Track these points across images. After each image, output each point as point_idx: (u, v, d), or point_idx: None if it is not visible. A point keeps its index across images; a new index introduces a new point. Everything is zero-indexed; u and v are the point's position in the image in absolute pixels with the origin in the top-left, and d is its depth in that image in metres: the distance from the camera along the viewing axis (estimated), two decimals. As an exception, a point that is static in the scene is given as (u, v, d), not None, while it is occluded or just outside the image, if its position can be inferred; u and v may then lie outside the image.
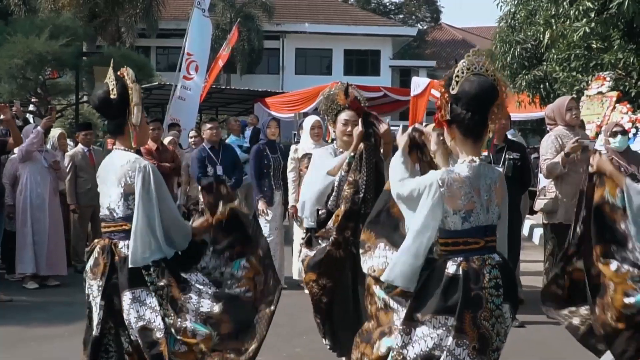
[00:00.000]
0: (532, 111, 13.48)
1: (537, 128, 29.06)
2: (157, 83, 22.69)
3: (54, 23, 20.78)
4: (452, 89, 3.84)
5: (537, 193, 8.78)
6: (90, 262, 4.80)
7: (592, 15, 10.61)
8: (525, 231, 13.77)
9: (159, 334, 4.64)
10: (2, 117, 9.09)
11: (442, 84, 3.91)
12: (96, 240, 4.89)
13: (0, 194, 9.43)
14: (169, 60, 41.56)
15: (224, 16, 41.15)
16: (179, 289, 4.74)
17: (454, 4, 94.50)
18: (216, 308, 4.73)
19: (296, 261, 9.16)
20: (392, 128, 14.27)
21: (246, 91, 24.01)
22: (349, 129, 5.91)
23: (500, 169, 7.81)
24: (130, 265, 4.65)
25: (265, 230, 9.78)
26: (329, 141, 6.57)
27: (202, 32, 18.78)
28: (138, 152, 10.04)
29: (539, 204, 8.16)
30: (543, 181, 8.53)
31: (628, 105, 10.00)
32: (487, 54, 4.78)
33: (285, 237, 10.42)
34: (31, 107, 20.90)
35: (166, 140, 12.11)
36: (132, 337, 4.70)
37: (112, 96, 4.84)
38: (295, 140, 14.83)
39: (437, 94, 13.91)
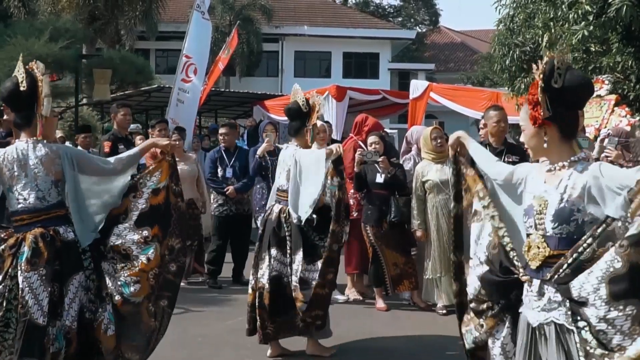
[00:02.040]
0: (531, 114, 13.46)
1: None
2: (156, 86, 22.66)
3: (54, 25, 20.80)
4: (555, 82, 3.48)
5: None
6: (25, 253, 4.74)
7: (591, 18, 10.62)
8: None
9: (97, 315, 4.91)
10: (5, 117, 9.09)
11: (538, 78, 3.53)
12: (15, 236, 4.84)
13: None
14: (169, 62, 41.60)
15: (223, 19, 41.22)
16: (107, 279, 5.01)
17: (452, 7, 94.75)
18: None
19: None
20: (390, 131, 14.21)
21: (245, 94, 24.00)
22: (321, 134, 7.67)
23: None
24: (82, 246, 4.88)
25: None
26: (294, 142, 7.02)
27: (201, 34, 18.77)
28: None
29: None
30: None
31: (627, 109, 10.03)
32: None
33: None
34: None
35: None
36: (67, 322, 4.78)
37: (21, 88, 4.87)
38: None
39: (437, 97, 13.89)
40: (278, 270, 6.69)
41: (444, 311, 8.64)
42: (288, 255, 6.67)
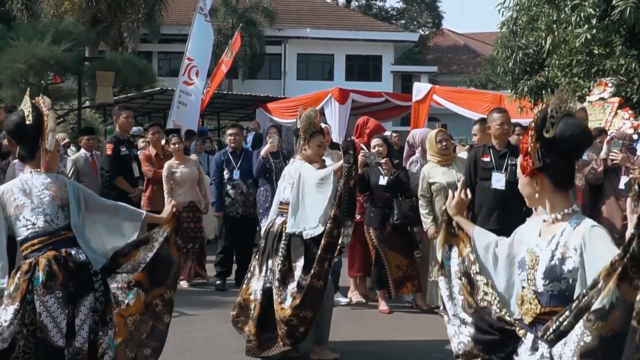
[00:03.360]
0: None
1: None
2: (159, 88, 22.69)
3: (57, 28, 20.80)
4: (547, 131, 3.32)
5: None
6: (40, 277, 4.78)
7: (594, 21, 10.62)
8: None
9: (103, 339, 4.94)
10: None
11: (531, 127, 3.41)
12: (28, 261, 4.87)
13: None
14: (171, 65, 41.62)
15: (226, 21, 41.24)
16: (112, 304, 5.06)
17: (455, 10, 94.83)
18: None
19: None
20: (391, 134, 14.24)
21: (248, 96, 23.99)
22: (322, 151, 7.14)
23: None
24: (95, 268, 4.95)
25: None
26: (298, 157, 7.00)
27: (204, 37, 18.80)
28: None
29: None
30: None
31: (630, 111, 10.01)
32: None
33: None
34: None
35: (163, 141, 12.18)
36: (77, 344, 4.81)
37: (27, 122, 4.94)
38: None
39: (440, 100, 13.92)
40: (271, 282, 6.76)
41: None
42: (282, 265, 6.70)
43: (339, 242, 6.61)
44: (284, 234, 6.80)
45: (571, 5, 11.05)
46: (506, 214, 7.83)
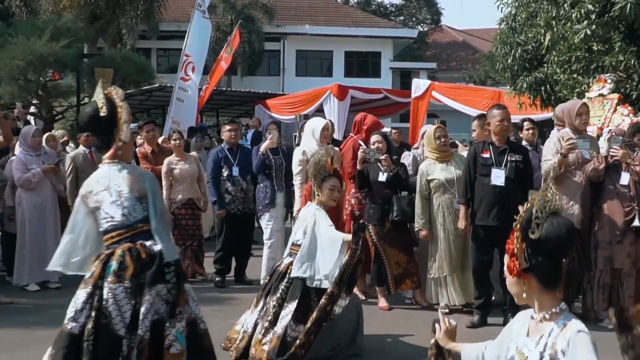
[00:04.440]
0: (533, 113, 13.47)
1: (538, 130, 29.11)
2: (157, 85, 22.67)
3: (55, 25, 20.75)
4: (532, 232, 3.28)
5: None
6: (112, 265, 4.90)
7: (593, 17, 10.60)
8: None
9: (169, 330, 4.90)
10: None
11: (516, 229, 3.35)
12: (107, 251, 5.00)
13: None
14: (170, 62, 41.61)
15: (224, 18, 41.22)
16: (183, 296, 5.04)
17: (454, 6, 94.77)
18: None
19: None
20: (391, 130, 14.24)
21: (247, 93, 24.01)
22: (335, 194, 6.97)
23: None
24: (167, 260, 4.94)
25: (267, 232, 9.81)
26: (315, 202, 6.92)
27: (201, 33, 18.84)
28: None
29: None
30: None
31: (629, 108, 10.01)
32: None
33: (287, 239, 10.43)
34: (32, 109, 20.88)
35: (161, 139, 12.16)
36: (140, 331, 4.82)
37: (101, 114, 5.01)
38: (296, 142, 14.82)
39: (439, 96, 13.92)
40: (262, 319, 6.80)
41: (447, 310, 8.63)
42: (277, 307, 6.71)
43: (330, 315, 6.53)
44: (287, 275, 6.78)
45: (570, 2, 11.04)
46: (505, 210, 7.85)
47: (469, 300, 8.72)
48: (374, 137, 9.05)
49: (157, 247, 4.97)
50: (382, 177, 8.86)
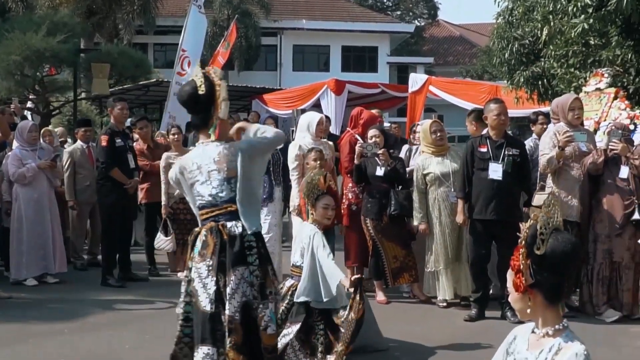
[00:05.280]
0: (530, 107, 13.48)
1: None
2: (154, 80, 22.65)
3: (52, 20, 20.74)
4: (538, 248, 3.29)
5: (536, 188, 8.86)
6: (198, 246, 5.10)
7: (590, 11, 10.60)
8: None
9: (258, 311, 5.01)
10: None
11: (520, 245, 3.36)
12: (197, 228, 5.25)
13: None
14: (167, 57, 41.61)
15: (221, 13, 41.15)
16: (271, 278, 5.17)
17: (451, 1, 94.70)
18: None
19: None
20: (390, 125, 14.24)
21: (244, 88, 23.98)
22: (329, 212, 6.77)
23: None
24: (249, 231, 5.07)
25: (265, 226, 9.80)
26: (309, 222, 6.84)
27: (198, 28, 18.86)
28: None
29: (538, 199, 8.21)
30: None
31: (626, 102, 10.02)
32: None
33: (284, 233, 10.45)
34: (29, 104, 20.87)
35: (158, 134, 12.15)
36: (229, 312, 4.94)
37: (200, 92, 5.12)
38: (293, 137, 14.83)
39: (436, 91, 13.93)
40: None
41: (444, 304, 8.66)
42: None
43: None
44: (287, 297, 6.73)
45: (567, -4, 11.04)
46: (503, 204, 7.89)
47: (464, 293, 8.74)
48: (372, 132, 9.06)
49: (239, 229, 5.07)
50: (380, 171, 8.87)
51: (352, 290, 6.30)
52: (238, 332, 4.93)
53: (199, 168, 5.20)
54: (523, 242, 3.32)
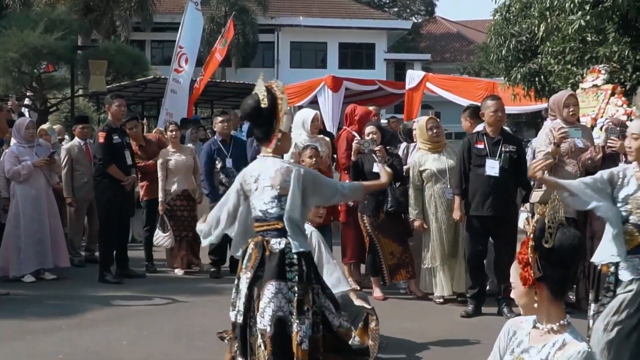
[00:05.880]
0: (527, 104, 13.54)
1: (532, 121, 29.10)
2: (152, 77, 22.62)
3: (49, 17, 20.68)
4: (546, 242, 3.33)
5: (534, 185, 8.86)
6: (245, 259, 5.24)
7: (587, 8, 10.62)
8: (520, 224, 13.78)
9: (293, 327, 5.04)
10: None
11: (529, 237, 3.38)
12: (250, 239, 5.32)
13: None
14: (164, 53, 41.57)
15: (218, 9, 41.16)
16: (310, 295, 5.20)
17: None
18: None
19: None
20: (389, 120, 14.20)
21: (241, 85, 23.98)
22: (321, 211, 7.00)
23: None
24: (293, 250, 5.14)
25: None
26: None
27: (194, 24, 18.85)
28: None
29: (535, 195, 8.21)
30: None
31: (623, 98, 10.04)
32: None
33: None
34: (26, 101, 20.83)
35: (155, 131, 12.13)
36: (261, 325, 5.03)
37: (262, 105, 5.20)
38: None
39: (433, 88, 13.91)
40: None
41: (441, 300, 8.67)
42: None
43: None
44: None
45: (564, -8, 11.06)
46: (500, 200, 7.91)
47: (460, 289, 8.76)
48: (369, 128, 9.05)
49: (281, 246, 5.15)
50: (377, 168, 8.87)
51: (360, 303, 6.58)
52: (268, 345, 5.00)
53: (256, 181, 5.28)
54: (531, 235, 3.35)
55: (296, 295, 5.10)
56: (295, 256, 5.16)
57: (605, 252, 5.04)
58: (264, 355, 5.02)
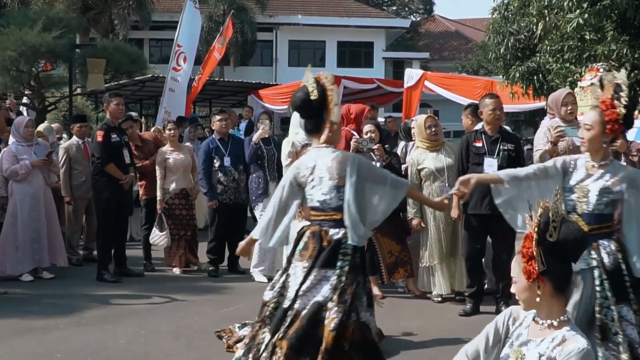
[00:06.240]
0: (525, 102, 13.51)
1: (531, 119, 29.12)
2: (150, 75, 22.61)
3: (47, 15, 20.63)
4: (550, 235, 3.37)
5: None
6: (300, 245, 5.31)
7: (586, 6, 10.61)
8: (518, 222, 13.77)
9: (329, 314, 5.14)
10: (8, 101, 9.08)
11: (533, 231, 3.41)
12: (305, 226, 5.42)
13: None
14: (162, 52, 41.54)
15: (217, 8, 41.15)
16: (354, 287, 5.28)
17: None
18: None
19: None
20: (385, 119, 14.18)
21: (240, 83, 23.99)
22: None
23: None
24: (350, 242, 5.24)
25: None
26: (298, 221, 6.84)
27: (192, 23, 18.84)
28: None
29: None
30: None
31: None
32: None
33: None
34: (24, 100, 20.82)
35: (153, 129, 12.12)
36: (298, 305, 5.18)
37: (312, 97, 5.30)
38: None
39: (431, 86, 13.90)
40: None
41: (439, 299, 8.67)
42: None
43: None
44: None
45: (563, -9, 11.04)
46: (498, 198, 7.88)
47: (459, 288, 8.76)
48: (367, 127, 9.05)
49: (339, 236, 5.24)
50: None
51: None
52: (295, 324, 5.13)
53: (312, 172, 5.35)
54: (535, 229, 3.37)
55: (342, 283, 5.18)
56: (350, 246, 5.26)
57: None
58: (289, 334, 5.13)
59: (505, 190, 5.19)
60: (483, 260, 8.44)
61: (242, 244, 5.83)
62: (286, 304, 5.24)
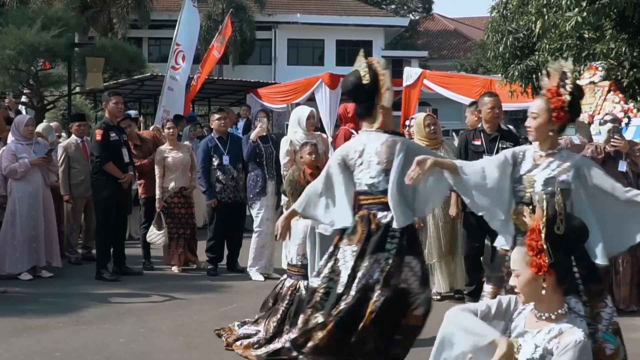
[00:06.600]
0: (524, 101, 13.49)
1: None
2: (149, 74, 22.62)
3: (46, 14, 20.63)
4: (558, 229, 3.42)
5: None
6: (349, 230, 5.32)
7: (584, 4, 10.62)
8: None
9: (373, 295, 5.18)
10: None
11: (537, 226, 3.44)
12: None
13: None
14: (161, 51, 41.49)
15: (215, 7, 41.11)
16: (402, 271, 5.29)
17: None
18: None
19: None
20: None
21: (238, 82, 23.99)
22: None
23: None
24: (395, 226, 5.21)
25: (257, 220, 9.81)
26: (297, 219, 6.79)
27: (191, 22, 18.83)
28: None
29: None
30: None
31: (620, 95, 10.04)
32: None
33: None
34: (23, 99, 20.82)
35: (152, 128, 12.10)
36: (352, 291, 5.19)
37: (364, 81, 5.32)
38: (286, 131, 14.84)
39: (430, 85, 13.88)
40: None
41: (438, 297, 8.67)
42: None
43: None
44: (287, 297, 6.78)
45: (561, -11, 11.05)
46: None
47: (458, 286, 8.76)
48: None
49: (387, 219, 5.24)
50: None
51: None
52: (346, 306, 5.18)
53: (360, 155, 5.35)
54: (543, 222, 3.40)
55: (389, 266, 5.20)
56: (398, 229, 5.25)
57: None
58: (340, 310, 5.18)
59: (468, 188, 4.99)
60: (482, 258, 8.44)
61: (281, 219, 5.82)
62: (339, 289, 5.25)
